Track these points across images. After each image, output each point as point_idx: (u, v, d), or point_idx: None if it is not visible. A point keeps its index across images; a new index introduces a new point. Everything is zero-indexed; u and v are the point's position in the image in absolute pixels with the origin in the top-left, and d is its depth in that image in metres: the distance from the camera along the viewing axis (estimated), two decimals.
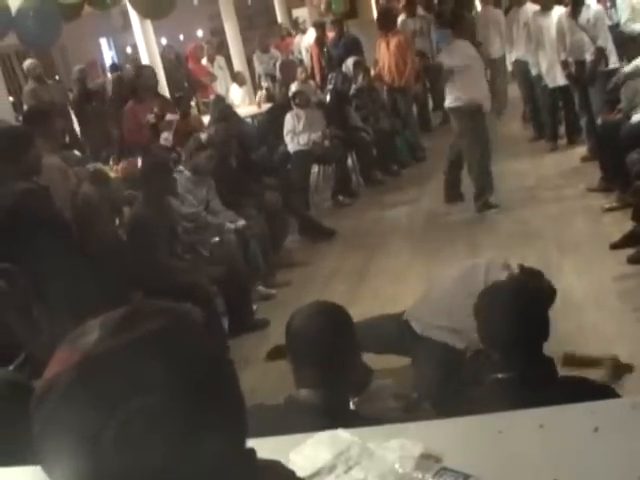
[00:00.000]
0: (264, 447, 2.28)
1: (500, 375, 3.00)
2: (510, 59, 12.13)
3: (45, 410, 1.17)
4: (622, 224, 7.06)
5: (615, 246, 6.83)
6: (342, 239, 8.88)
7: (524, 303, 3.21)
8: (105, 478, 1.15)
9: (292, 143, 10.22)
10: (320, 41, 14.73)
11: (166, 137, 9.13)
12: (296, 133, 10.21)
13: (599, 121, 9.11)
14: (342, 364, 2.69)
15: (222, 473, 1.23)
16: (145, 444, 1.13)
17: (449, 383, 4.20)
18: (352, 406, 3.14)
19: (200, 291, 6.24)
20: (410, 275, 7.31)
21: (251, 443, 2.34)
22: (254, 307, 7.02)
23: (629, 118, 8.01)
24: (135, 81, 10.45)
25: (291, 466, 2.14)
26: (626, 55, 9.10)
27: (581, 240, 7.33)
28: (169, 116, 9.52)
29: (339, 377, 2.65)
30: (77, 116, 12.58)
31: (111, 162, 9.18)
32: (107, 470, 1.14)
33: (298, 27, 17.96)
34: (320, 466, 2.11)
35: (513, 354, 3.03)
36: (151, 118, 9.40)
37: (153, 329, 1.19)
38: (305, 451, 2.19)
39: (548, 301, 4.03)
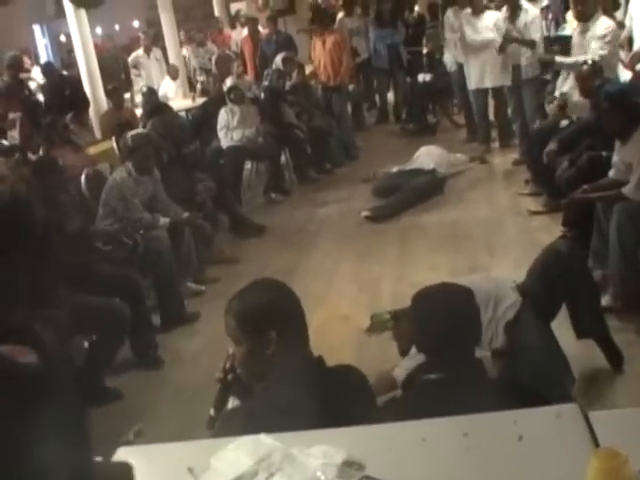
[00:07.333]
0: (184, 451, 2.25)
1: (432, 376, 3.00)
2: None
3: None
4: (550, 228, 7.12)
5: None
6: (273, 236, 8.82)
7: (455, 306, 3.22)
8: None
9: (225, 138, 10.14)
10: (254, 37, 14.69)
11: (13, 135, 9.22)
12: (230, 128, 10.14)
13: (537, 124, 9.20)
14: None
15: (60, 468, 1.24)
16: None
17: None
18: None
19: (130, 285, 6.14)
20: (338, 275, 7.34)
21: (172, 447, 2.31)
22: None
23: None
24: None
25: (212, 471, 2.12)
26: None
27: (510, 243, 7.39)
28: (12, 115, 9.68)
29: None
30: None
31: (41, 152, 9.01)
32: None
33: (239, 20, 17.81)
34: (242, 472, 2.08)
35: (444, 356, 3.04)
36: None
37: None
38: (226, 456, 2.15)
39: None
